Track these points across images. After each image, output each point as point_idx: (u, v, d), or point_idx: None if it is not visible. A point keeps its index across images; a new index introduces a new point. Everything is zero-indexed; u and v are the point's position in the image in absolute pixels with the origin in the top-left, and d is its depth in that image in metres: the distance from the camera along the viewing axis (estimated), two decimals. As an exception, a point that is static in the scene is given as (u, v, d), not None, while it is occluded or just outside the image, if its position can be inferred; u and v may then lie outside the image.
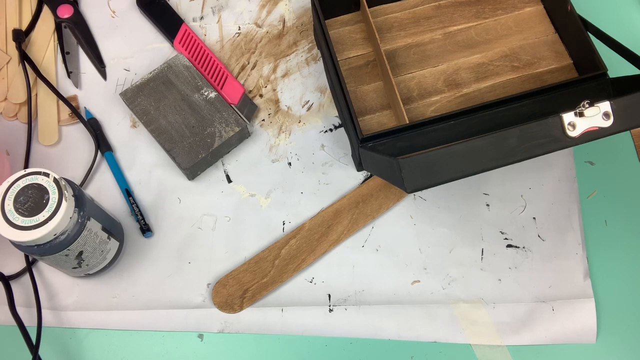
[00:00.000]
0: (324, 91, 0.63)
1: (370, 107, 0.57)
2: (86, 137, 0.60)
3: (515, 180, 0.59)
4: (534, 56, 0.58)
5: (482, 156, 0.40)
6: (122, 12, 0.66)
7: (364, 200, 0.57)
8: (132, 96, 0.59)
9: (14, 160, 0.59)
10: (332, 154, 0.60)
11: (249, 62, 0.64)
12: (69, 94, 0.62)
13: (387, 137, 0.51)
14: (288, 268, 0.55)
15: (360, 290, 0.55)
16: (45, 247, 0.45)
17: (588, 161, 0.61)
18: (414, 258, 0.56)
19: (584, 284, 0.55)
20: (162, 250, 0.56)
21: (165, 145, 0.57)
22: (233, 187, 0.59)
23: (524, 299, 0.55)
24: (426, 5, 0.60)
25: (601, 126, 0.41)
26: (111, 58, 0.64)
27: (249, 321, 0.54)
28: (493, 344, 0.53)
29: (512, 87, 0.57)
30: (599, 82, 0.53)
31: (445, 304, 0.54)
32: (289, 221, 0.57)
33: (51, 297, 0.54)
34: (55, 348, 0.53)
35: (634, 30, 0.67)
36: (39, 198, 0.44)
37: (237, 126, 0.57)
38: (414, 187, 0.40)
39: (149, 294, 0.54)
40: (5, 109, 0.60)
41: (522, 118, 0.53)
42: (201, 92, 0.59)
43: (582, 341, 0.53)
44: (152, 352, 0.53)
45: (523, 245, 0.57)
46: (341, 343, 0.54)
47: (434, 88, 0.57)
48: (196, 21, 0.66)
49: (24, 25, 0.64)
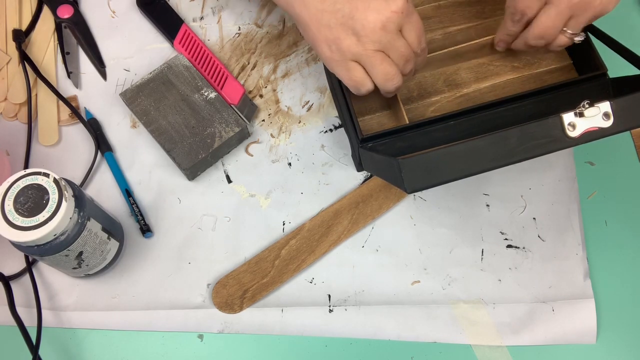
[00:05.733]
0: (324, 91, 0.63)
1: (370, 107, 0.57)
2: (86, 138, 0.60)
3: (515, 181, 0.59)
4: (534, 56, 0.58)
5: (482, 156, 0.40)
6: (122, 12, 0.66)
7: (364, 201, 0.57)
8: (132, 96, 0.59)
9: (14, 161, 0.59)
10: (332, 154, 0.60)
11: (249, 63, 0.64)
12: (69, 94, 0.62)
13: (387, 137, 0.51)
14: (288, 268, 0.55)
15: (360, 290, 0.55)
16: (45, 247, 0.45)
17: (588, 161, 0.60)
18: (413, 258, 0.56)
19: (584, 284, 0.55)
20: (162, 250, 0.56)
21: (165, 146, 0.57)
22: (233, 187, 0.59)
23: (524, 299, 0.55)
24: (426, 5, 0.60)
25: (601, 126, 0.41)
26: (111, 58, 0.64)
27: (249, 321, 0.54)
28: (493, 344, 0.53)
29: (512, 87, 0.57)
30: (599, 82, 0.53)
31: (445, 304, 0.54)
32: (289, 221, 0.57)
33: (51, 297, 0.54)
34: (55, 348, 0.53)
35: (634, 30, 0.67)
36: (39, 198, 0.44)
37: (237, 126, 0.57)
38: (414, 188, 0.40)
39: (149, 294, 0.54)
40: (5, 109, 0.60)
41: (522, 118, 0.53)
42: (201, 92, 0.59)
43: (582, 341, 0.53)
44: (152, 352, 0.53)
45: (523, 245, 0.57)
46: (341, 343, 0.54)
47: (434, 88, 0.57)
48: (196, 21, 0.66)
49: (24, 25, 0.64)
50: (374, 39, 0.45)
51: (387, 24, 0.44)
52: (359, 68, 0.47)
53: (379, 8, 0.44)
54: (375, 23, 0.44)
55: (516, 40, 0.53)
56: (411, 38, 0.46)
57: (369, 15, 0.44)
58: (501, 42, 0.54)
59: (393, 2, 0.44)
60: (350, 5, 0.44)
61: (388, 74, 0.47)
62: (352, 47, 0.46)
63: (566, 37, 0.49)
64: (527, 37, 0.50)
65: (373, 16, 0.44)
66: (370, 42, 0.45)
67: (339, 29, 0.45)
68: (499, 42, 0.55)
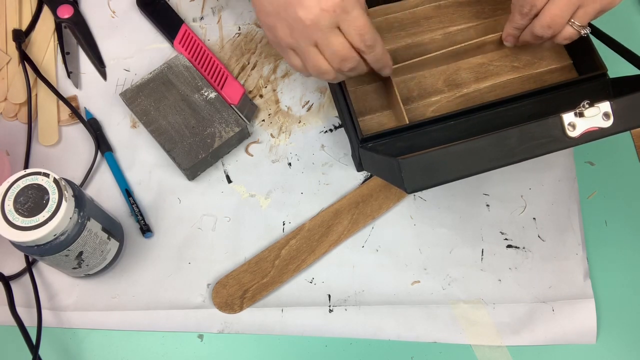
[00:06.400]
0: (324, 91, 0.63)
1: (370, 107, 0.57)
2: (86, 138, 0.60)
3: (515, 181, 0.59)
4: (534, 56, 0.58)
5: (482, 156, 0.40)
6: (122, 12, 0.66)
7: (364, 201, 0.57)
8: (132, 96, 0.59)
9: (14, 161, 0.59)
10: (332, 154, 0.60)
11: (249, 63, 0.64)
12: (69, 94, 0.62)
13: (387, 137, 0.51)
14: (288, 268, 0.55)
15: (360, 290, 0.55)
16: (45, 247, 0.45)
17: (588, 161, 0.60)
18: (414, 258, 0.56)
19: (584, 284, 0.55)
20: (162, 250, 0.56)
21: (165, 146, 0.57)
22: (233, 187, 0.59)
23: (524, 300, 0.55)
24: (426, 6, 0.60)
25: (601, 126, 0.41)
26: (111, 58, 0.64)
27: (249, 321, 0.54)
28: (493, 345, 0.53)
29: (512, 87, 0.57)
30: (599, 82, 0.53)
31: (445, 304, 0.54)
32: (289, 221, 0.57)
33: (51, 297, 0.54)
34: (55, 348, 0.53)
35: (634, 30, 0.67)
36: (39, 198, 0.44)
37: (237, 126, 0.57)
38: (414, 188, 0.40)
39: (149, 294, 0.54)
40: (5, 109, 0.60)
41: (522, 118, 0.53)
42: (201, 92, 0.59)
43: (582, 341, 0.53)
44: (152, 352, 0.53)
45: (523, 245, 0.57)
46: (341, 343, 0.54)
47: (434, 88, 0.57)
48: (196, 21, 0.66)
49: (24, 25, 0.64)
50: (305, 34, 0.45)
51: (317, 21, 0.44)
52: (296, 57, 0.48)
53: (310, 5, 0.44)
54: (305, 20, 0.44)
55: (523, 33, 0.52)
56: (350, 35, 0.46)
57: (300, 11, 0.44)
58: (510, 36, 0.54)
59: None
60: None
61: (320, 69, 0.47)
62: (285, 37, 0.46)
63: (573, 29, 0.48)
64: (534, 26, 0.49)
65: (303, 12, 0.44)
66: (302, 37, 0.45)
67: (275, 17, 0.46)
68: (507, 37, 0.54)
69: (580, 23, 0.48)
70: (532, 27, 0.50)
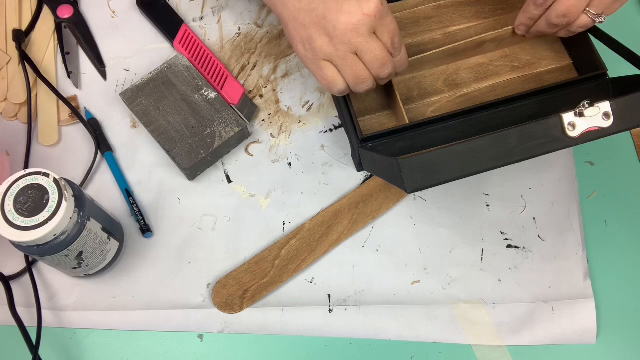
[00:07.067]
0: (324, 91, 0.63)
1: (370, 107, 0.57)
2: (86, 137, 0.60)
3: (515, 180, 0.59)
4: (534, 56, 0.58)
5: (482, 156, 0.40)
6: (122, 12, 0.66)
7: (364, 201, 0.57)
8: (132, 96, 0.59)
9: (14, 161, 0.59)
10: (332, 154, 0.60)
11: (249, 63, 0.64)
12: (69, 94, 0.62)
13: (387, 137, 0.52)
14: (288, 268, 0.55)
15: (360, 290, 0.55)
16: (45, 247, 0.45)
17: (588, 161, 0.61)
18: (414, 258, 0.56)
19: (584, 284, 0.55)
20: (162, 250, 0.56)
21: (166, 146, 0.57)
22: (233, 187, 0.59)
23: (524, 299, 0.55)
24: (426, 5, 0.60)
25: (601, 126, 0.41)
26: (111, 58, 0.64)
27: (249, 321, 0.54)
28: (493, 344, 0.53)
29: (512, 87, 0.57)
30: (599, 82, 0.53)
31: (445, 304, 0.54)
32: (289, 221, 0.57)
33: (51, 297, 0.54)
34: (55, 348, 0.53)
35: (634, 30, 0.67)
36: (39, 198, 0.44)
37: (237, 126, 0.57)
38: (414, 187, 0.40)
39: (149, 294, 0.54)
40: (5, 109, 0.60)
41: (522, 118, 0.53)
42: (201, 92, 0.59)
43: (582, 341, 0.53)
44: (152, 352, 0.53)
45: (523, 245, 0.57)
46: (341, 343, 0.54)
47: (434, 88, 0.57)
48: (196, 21, 0.66)
49: (24, 25, 0.64)
50: (345, 41, 0.45)
51: (359, 26, 0.44)
52: (332, 67, 0.47)
53: (351, 10, 0.44)
54: (347, 25, 0.44)
55: (538, 22, 0.52)
56: (384, 39, 0.46)
57: (341, 17, 0.44)
58: (522, 25, 0.54)
59: (366, 4, 0.44)
60: (324, 6, 0.45)
61: (359, 77, 0.47)
62: (324, 47, 0.46)
63: (588, 17, 0.48)
64: (550, 15, 0.49)
65: (345, 18, 0.44)
66: (342, 44, 0.45)
67: (312, 28, 0.46)
68: (519, 26, 0.54)
69: (596, 12, 0.48)
70: (548, 16, 0.50)
